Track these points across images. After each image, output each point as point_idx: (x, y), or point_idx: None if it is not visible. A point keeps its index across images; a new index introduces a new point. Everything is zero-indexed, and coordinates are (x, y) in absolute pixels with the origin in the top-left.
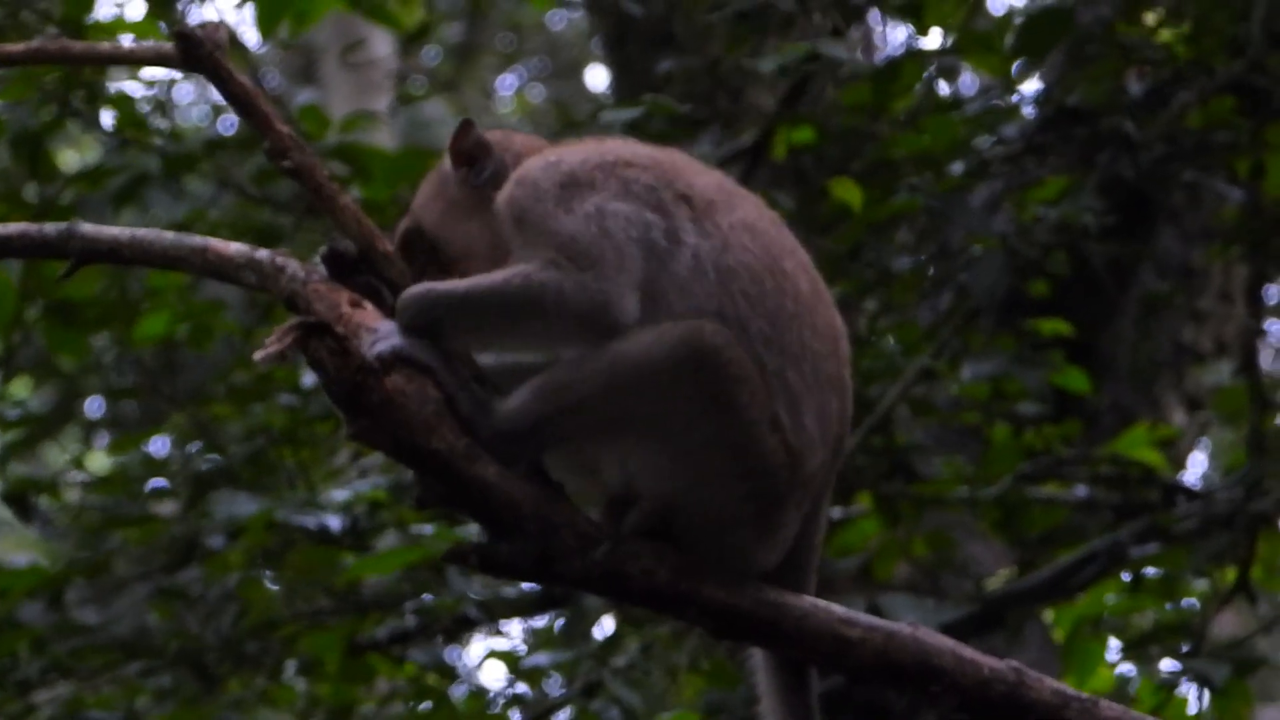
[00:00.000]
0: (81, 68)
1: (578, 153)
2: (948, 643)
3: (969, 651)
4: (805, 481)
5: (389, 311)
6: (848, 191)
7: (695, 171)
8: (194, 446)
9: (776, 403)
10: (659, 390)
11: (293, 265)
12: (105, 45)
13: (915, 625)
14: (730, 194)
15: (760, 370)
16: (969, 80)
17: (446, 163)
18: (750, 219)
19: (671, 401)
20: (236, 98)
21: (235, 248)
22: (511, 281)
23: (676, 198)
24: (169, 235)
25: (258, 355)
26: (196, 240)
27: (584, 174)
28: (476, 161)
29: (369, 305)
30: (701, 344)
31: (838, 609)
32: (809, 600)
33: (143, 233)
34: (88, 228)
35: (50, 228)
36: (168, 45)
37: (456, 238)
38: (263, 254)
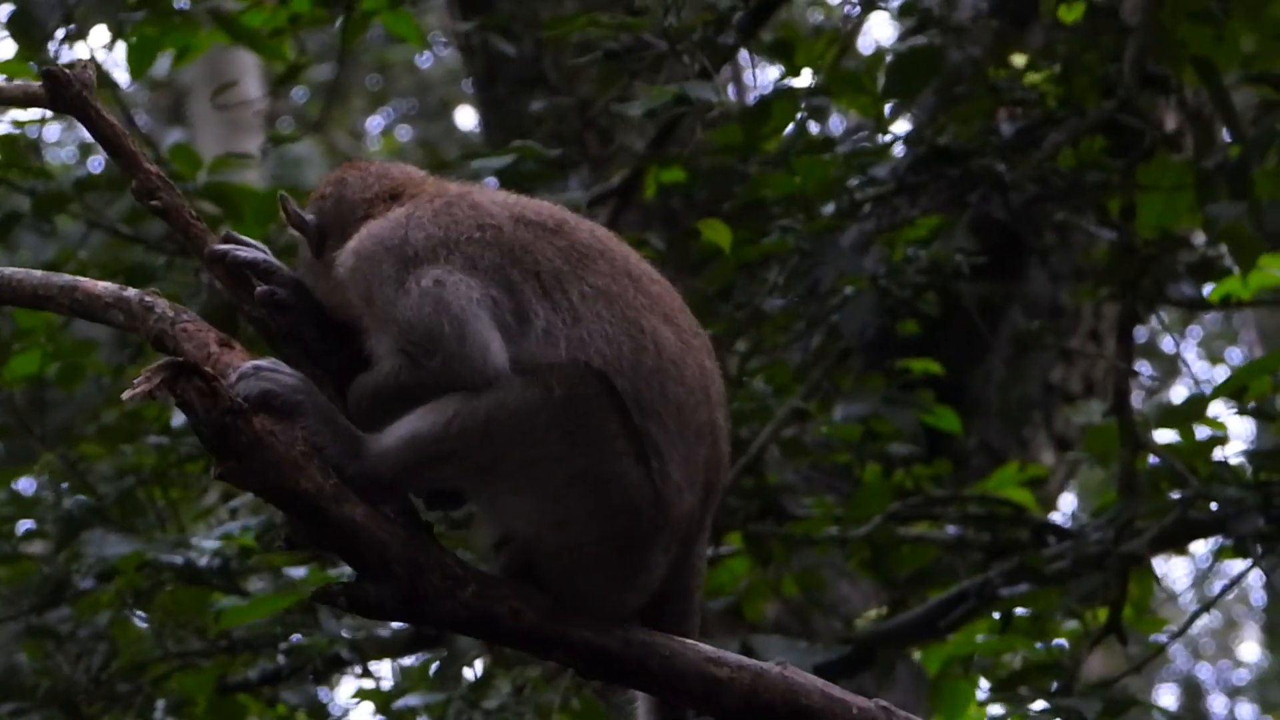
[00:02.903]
0: None
1: (424, 222)
2: (816, 682)
3: (837, 691)
4: (670, 526)
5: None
6: (717, 233)
7: (544, 239)
8: (64, 486)
9: (641, 451)
10: (519, 438)
11: (161, 305)
12: None
13: (784, 664)
14: (580, 258)
15: (622, 419)
16: (838, 120)
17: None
18: (602, 284)
19: (533, 448)
20: (105, 137)
21: (103, 286)
22: (379, 381)
23: (524, 275)
24: (37, 274)
25: (126, 395)
26: (65, 279)
27: (425, 250)
28: (303, 233)
29: (237, 345)
30: (561, 391)
31: (705, 648)
32: (677, 640)
33: (10, 271)
34: None
35: None
36: (35, 85)
37: (327, 299)
38: (131, 293)
